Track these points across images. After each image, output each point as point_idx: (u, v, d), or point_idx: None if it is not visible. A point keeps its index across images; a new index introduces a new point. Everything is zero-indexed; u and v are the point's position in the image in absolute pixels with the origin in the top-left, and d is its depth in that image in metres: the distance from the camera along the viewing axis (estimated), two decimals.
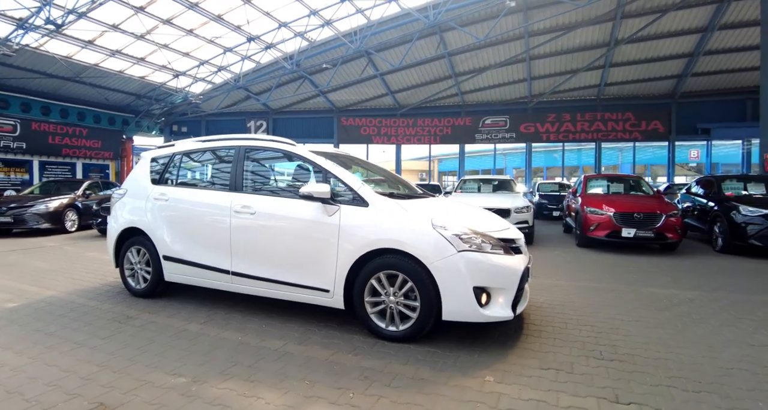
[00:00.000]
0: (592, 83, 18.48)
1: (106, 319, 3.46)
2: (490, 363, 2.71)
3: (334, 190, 3.23)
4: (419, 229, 2.96)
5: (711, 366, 2.72)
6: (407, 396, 2.26)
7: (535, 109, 19.85)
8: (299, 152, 3.58)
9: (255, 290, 3.53)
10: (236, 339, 3.04)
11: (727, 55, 15.86)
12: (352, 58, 16.50)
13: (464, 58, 17.08)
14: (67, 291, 4.33)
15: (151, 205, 4.05)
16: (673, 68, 17.03)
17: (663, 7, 13.54)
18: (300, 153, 3.57)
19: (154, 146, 19.43)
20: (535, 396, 2.30)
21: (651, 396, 2.31)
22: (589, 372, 2.60)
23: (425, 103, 20.23)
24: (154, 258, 3.98)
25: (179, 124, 21.61)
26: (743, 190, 8.66)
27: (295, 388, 2.32)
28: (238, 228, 3.52)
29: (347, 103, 20.79)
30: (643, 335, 3.25)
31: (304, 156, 3.54)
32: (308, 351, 2.86)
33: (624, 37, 15.13)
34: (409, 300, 2.96)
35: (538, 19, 14.03)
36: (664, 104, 18.77)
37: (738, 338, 3.22)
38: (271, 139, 3.82)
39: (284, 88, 19.08)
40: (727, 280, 5.25)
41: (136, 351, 2.80)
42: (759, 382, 2.50)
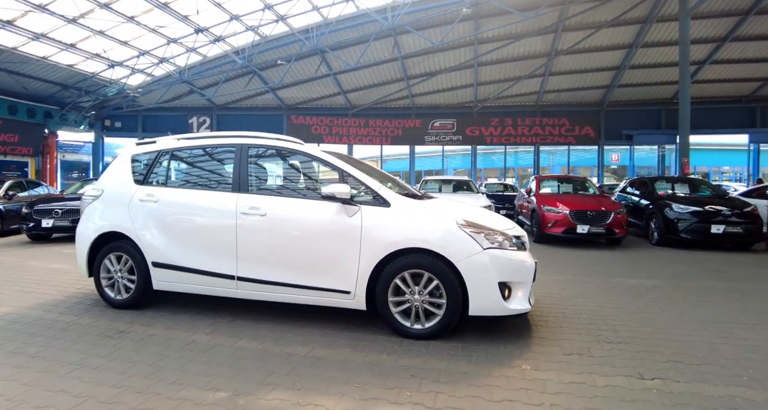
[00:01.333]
0: (533, 90, 19.75)
1: (93, 335, 3.11)
2: (518, 353, 2.86)
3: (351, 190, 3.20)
4: (445, 229, 3.03)
5: (701, 342, 3.08)
6: (461, 389, 2.33)
7: (480, 114, 20.82)
8: (312, 152, 3.49)
9: (265, 295, 3.37)
10: (257, 348, 2.90)
11: (647, 69, 17.73)
12: (306, 56, 16.20)
13: (417, 62, 17.47)
14: (26, 307, 3.82)
15: (135, 207, 3.70)
16: (602, 79, 18.71)
17: (598, 23, 14.84)
18: (313, 152, 3.48)
19: (82, 142, 17.64)
20: (574, 379, 2.47)
21: (665, 371, 2.58)
22: (606, 354, 2.83)
23: (377, 104, 20.39)
24: (140, 265, 3.64)
25: (112, 119, 19.87)
26: (671, 189, 9.77)
27: (348, 392, 2.28)
28: (246, 230, 3.34)
29: (297, 101, 20.38)
30: (634, 319, 3.59)
31: (317, 156, 3.45)
32: (339, 354, 2.80)
33: (563, 49, 16.36)
34: (433, 297, 3.01)
35: (488, 28, 14.75)
36: (594, 111, 20.53)
37: (709, 317, 3.67)
38: (276, 138, 3.68)
39: (232, 83, 18.27)
40: (675, 269, 5.93)
41: (151, 368, 2.56)
42: (741, 353, 2.89)
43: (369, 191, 3.23)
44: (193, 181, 3.83)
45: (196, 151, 3.90)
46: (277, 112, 20.62)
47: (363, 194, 3.24)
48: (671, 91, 19.13)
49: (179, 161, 3.89)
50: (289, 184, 3.71)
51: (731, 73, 17.67)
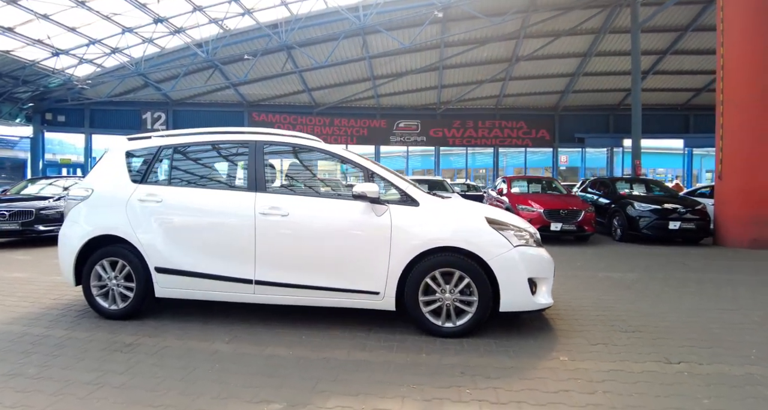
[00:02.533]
0: (493, 94, 20.50)
1: (97, 350, 2.83)
2: (549, 345, 2.96)
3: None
4: (477, 227, 3.08)
5: (700, 328, 3.34)
6: (516, 383, 2.37)
7: (443, 115, 21.31)
8: (334, 150, 3.40)
9: (285, 299, 3.23)
10: (289, 355, 2.77)
11: (598, 77, 18.95)
12: (272, 51, 15.79)
13: (384, 62, 17.56)
14: (1, 322, 3.40)
15: (134, 208, 3.40)
16: (558, 85, 19.76)
17: (556, 32, 15.65)
18: (335, 151, 3.39)
19: (18, 137, 16.06)
20: (611, 367, 2.60)
21: (686, 355, 2.78)
22: (627, 343, 3.00)
23: (342, 103, 20.27)
24: (139, 271, 3.33)
25: (55, 112, 18.28)
26: (629, 189, 10.50)
27: (407, 394, 2.23)
28: (266, 231, 3.18)
29: (260, 98, 19.81)
30: (633, 310, 3.82)
31: (340, 154, 3.37)
32: (377, 356, 2.75)
33: (524, 55, 17.11)
34: (464, 295, 3.05)
35: (455, 32, 15.12)
36: (549, 116, 21.65)
37: (696, 306, 3.98)
38: (291, 135, 3.56)
39: (191, 77, 17.41)
40: (645, 263, 6.38)
41: (183, 383, 2.37)
42: (738, 336, 3.18)
43: (396, 190, 3.21)
44: (202, 180, 3.58)
45: (203, 148, 3.65)
46: (238, 109, 19.92)
47: (390, 193, 3.21)
48: (618, 98, 20.61)
49: (184, 158, 3.62)
50: (310, 182, 3.58)
51: (670, 83, 19.29)
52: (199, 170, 3.63)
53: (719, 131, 8.61)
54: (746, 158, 8.14)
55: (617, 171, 21.93)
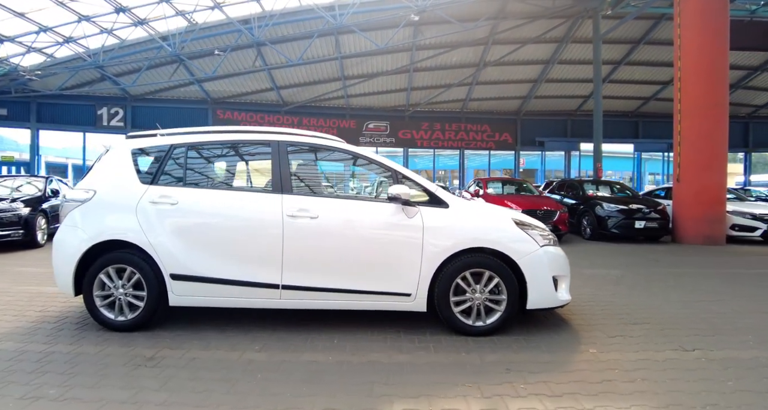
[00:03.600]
0: (460, 97, 20.99)
1: (118, 365, 2.62)
2: (574, 339, 3.12)
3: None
4: (506, 228, 3.19)
5: (695, 317, 3.64)
6: (562, 377, 2.49)
7: (412, 117, 21.57)
8: (361, 151, 3.38)
9: (314, 303, 3.17)
10: (329, 360, 2.72)
11: (559, 83, 19.92)
12: (241, 48, 15.33)
13: (355, 63, 17.53)
14: None
15: (146, 210, 3.19)
16: (521, 90, 20.56)
17: (523, 39, 16.29)
18: (362, 152, 3.38)
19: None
20: (637, 356, 2.78)
21: (696, 343, 3.03)
22: (641, 334, 3.22)
23: (311, 103, 20.01)
24: (151, 278, 3.13)
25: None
26: (596, 190, 11.15)
27: (468, 393, 2.28)
28: (294, 234, 3.10)
29: (225, 95, 19.14)
30: (632, 304, 4.09)
31: (367, 156, 3.36)
32: (419, 358, 2.76)
33: (491, 60, 17.67)
34: (493, 295, 3.14)
35: (427, 36, 15.37)
36: (512, 119, 22.45)
37: (684, 298, 4.33)
38: (313, 135, 3.49)
39: (153, 72, 16.52)
40: (621, 260, 6.82)
41: (231, 396, 2.24)
42: (732, 323, 3.49)
43: (425, 192, 3.24)
44: (221, 181, 3.43)
45: (220, 147, 3.51)
46: (201, 106, 19.14)
47: (418, 195, 3.24)
48: (576, 104, 21.75)
49: (199, 157, 3.45)
50: (337, 184, 3.54)
51: (622, 91, 20.61)
52: (217, 170, 3.48)
53: (677, 138, 9.34)
54: (701, 163, 8.89)
55: (573, 173, 23.16)
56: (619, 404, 2.17)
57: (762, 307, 4.04)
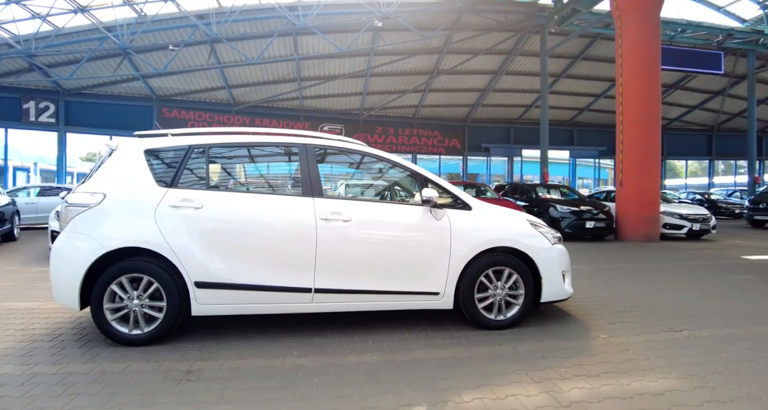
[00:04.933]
0: (413, 104, 21.59)
1: (157, 382, 2.47)
2: (584, 327, 3.44)
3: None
4: (523, 228, 3.45)
5: (669, 304, 4.15)
6: (591, 359, 2.77)
7: (366, 121, 21.79)
8: (387, 156, 3.47)
9: (347, 305, 3.20)
10: (376, 360, 2.77)
11: (505, 93, 21.17)
12: (194, 44, 14.63)
13: (312, 64, 17.41)
14: None
15: (166, 215, 3.02)
16: (470, 98, 21.58)
17: (475, 50, 17.16)
18: (388, 156, 3.47)
19: None
20: (641, 338, 3.15)
21: (680, 325, 3.48)
22: (635, 319, 3.64)
23: (263, 103, 19.52)
24: (171, 287, 2.97)
25: None
26: (547, 194, 12.03)
27: (521, 380, 2.46)
28: (327, 237, 3.11)
29: (172, 92, 18.10)
30: (615, 295, 4.55)
31: (394, 160, 3.46)
32: (459, 352, 2.89)
33: (444, 69, 18.39)
34: (512, 290, 3.39)
35: (388, 42, 15.67)
36: (460, 126, 23.47)
37: (652, 287, 4.88)
38: (338, 139, 3.51)
39: (93, 65, 15.19)
40: (582, 257, 7.45)
41: (303, 403, 2.20)
42: (699, 307, 4.02)
43: (449, 195, 3.43)
44: (246, 183, 3.33)
45: (243, 149, 3.41)
46: (145, 103, 17.92)
47: (444, 198, 3.41)
48: (518, 113, 23.22)
49: (221, 159, 3.35)
50: (366, 187, 3.60)
51: (560, 102, 22.34)
52: (241, 173, 3.39)
53: (619, 146, 10.38)
54: (639, 169, 9.97)
55: (515, 178, 24.65)
56: (649, 378, 2.49)
57: (713, 293, 4.68)
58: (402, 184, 3.65)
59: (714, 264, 6.70)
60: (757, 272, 5.96)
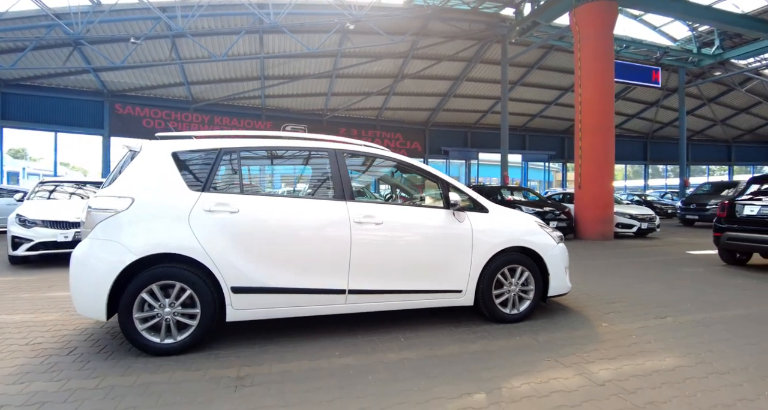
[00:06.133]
0: (376, 106, 21.83)
1: (211, 390, 2.43)
2: (584, 318, 3.82)
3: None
4: (534, 229, 3.78)
5: (647, 294, 4.68)
6: (604, 344, 3.12)
7: (330, 122, 21.73)
8: (410, 161, 3.66)
9: (377, 305, 3.32)
10: (415, 356, 2.92)
11: (464, 99, 21.97)
12: (155, 37, 13.94)
13: (277, 63, 17.14)
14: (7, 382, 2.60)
15: (201, 220, 2.99)
16: (431, 103, 22.18)
17: (439, 56, 17.71)
18: (411, 162, 3.66)
19: None
20: (636, 325, 3.58)
21: (663, 312, 3.97)
22: (625, 310, 4.09)
23: (224, 101, 18.93)
24: (205, 293, 2.94)
25: None
26: (511, 195, 12.71)
27: (553, 365, 2.76)
28: (362, 240, 3.23)
29: (125, 87, 17.07)
30: (596, 289, 5.03)
31: (416, 165, 3.65)
32: (488, 345, 3.11)
33: (409, 73, 18.80)
34: (524, 286, 3.70)
35: (357, 45, 15.78)
36: (421, 129, 24.03)
37: (626, 281, 5.43)
38: (363, 144, 3.64)
39: (38, 54, 13.99)
40: None
41: (369, 399, 2.31)
42: (671, 296, 4.56)
43: (470, 199, 3.68)
44: (279, 187, 3.38)
45: (273, 153, 3.44)
46: (96, 98, 16.74)
47: (464, 202, 3.65)
48: (475, 118, 24.17)
49: (252, 163, 3.36)
50: (394, 191, 3.75)
51: (515, 108, 23.47)
52: (273, 177, 3.44)
53: (578, 151, 11.22)
54: (596, 173, 10.85)
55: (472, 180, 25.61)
56: (657, 358, 2.88)
57: (677, 284, 5.30)
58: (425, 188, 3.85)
59: (666, 259, 7.48)
60: (704, 265, 6.77)
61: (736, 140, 29.86)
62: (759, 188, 6.83)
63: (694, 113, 25.25)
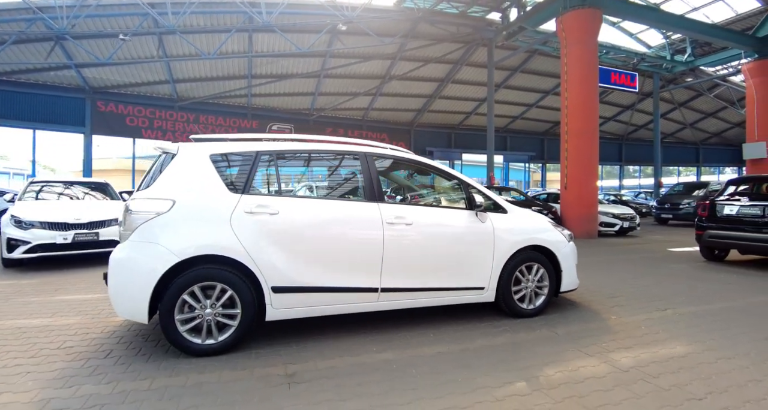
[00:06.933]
0: (363, 106, 21.94)
1: (268, 387, 2.50)
2: (592, 312, 4.10)
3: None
4: (548, 228, 4.03)
5: (642, 288, 5.00)
6: (619, 335, 3.39)
7: (316, 122, 21.71)
8: (435, 164, 3.84)
9: (407, 302, 3.48)
10: (452, 350, 3.08)
11: (449, 100, 22.33)
12: (143, 34, 13.66)
13: (266, 62, 17.04)
14: (56, 397, 2.62)
15: (243, 221, 3.07)
16: (417, 104, 22.45)
17: (427, 58, 17.98)
18: (436, 165, 3.84)
19: None
20: (642, 317, 3.88)
21: (662, 305, 4.30)
22: (625, 303, 4.39)
23: (210, 99, 18.67)
24: (246, 294, 3.02)
25: None
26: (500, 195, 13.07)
27: (578, 356, 3.01)
28: (393, 240, 3.38)
29: (108, 84, 16.62)
30: (598, 284, 5.32)
31: (440, 168, 3.84)
32: (513, 338, 3.31)
33: (396, 74, 19.00)
34: (539, 283, 3.94)
35: (347, 45, 15.87)
36: (407, 130, 24.28)
37: (615, 277, 5.76)
38: (391, 148, 3.78)
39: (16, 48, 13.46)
40: None
41: (421, 391, 2.46)
42: (662, 290, 4.90)
43: (490, 201, 3.90)
44: (313, 190, 3.51)
45: (306, 156, 3.58)
46: (77, 95, 16.24)
47: (486, 203, 3.86)
48: (459, 119, 24.59)
49: (287, 166, 3.46)
50: (421, 193, 3.91)
51: (497, 110, 23.99)
52: (307, 179, 3.56)
53: (564, 153, 11.67)
54: (582, 174, 11.31)
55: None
56: (668, 346, 3.17)
57: (666, 279, 5.66)
58: (447, 190, 4.04)
59: (651, 256, 7.93)
60: (687, 262, 7.22)
61: (703, 143, 31.39)
62: (735, 189, 7.34)
63: (666, 116, 26.40)
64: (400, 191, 4.02)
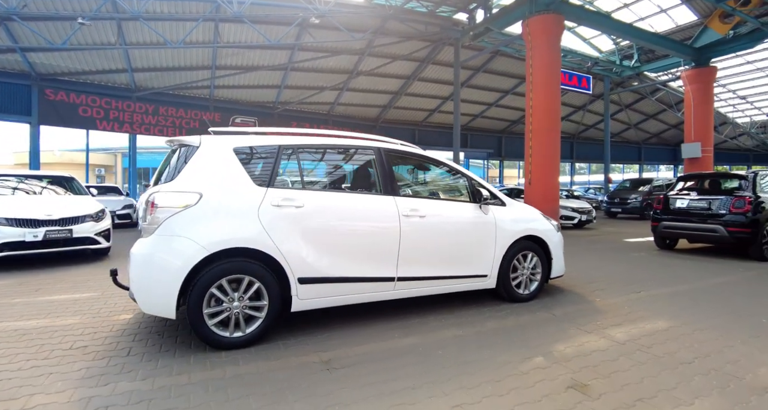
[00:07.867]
0: (329, 101, 21.83)
1: (310, 374, 2.63)
2: (578, 295, 4.52)
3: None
4: (540, 220, 4.39)
5: (622, 274, 5.52)
6: (609, 315, 3.79)
7: (281, 115, 21.37)
8: (441, 159, 4.07)
9: (420, 290, 3.69)
10: (469, 333, 3.29)
11: (414, 97, 22.71)
12: (101, 18, 12.84)
13: (231, 53, 16.54)
14: (107, 393, 2.68)
15: (270, 214, 3.13)
16: (383, 100, 22.63)
17: (394, 55, 18.19)
18: (442, 159, 4.07)
19: None
20: (623, 299, 4.33)
21: (636, 288, 4.79)
22: (605, 287, 4.86)
23: (170, 90, 17.86)
24: (272, 286, 3.08)
25: None
26: None
27: (578, 333, 3.36)
28: (408, 231, 3.56)
29: (58, 71, 15.46)
30: (576, 270, 5.81)
31: (446, 163, 4.08)
32: (520, 321, 3.59)
33: (363, 70, 19.07)
34: (533, 270, 4.29)
35: (318, 40, 15.74)
36: (372, 126, 24.40)
37: (591, 265, 6.31)
38: (401, 143, 3.97)
39: None
40: None
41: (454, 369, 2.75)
42: (642, 274, 5.46)
43: (491, 194, 4.19)
44: (333, 183, 3.63)
45: (325, 150, 3.68)
46: (22, 81, 14.97)
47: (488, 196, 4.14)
48: (423, 116, 25.07)
49: (308, 160, 3.55)
50: (430, 187, 4.11)
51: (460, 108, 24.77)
52: (327, 173, 3.67)
53: (528, 150, 12.32)
54: (545, 170, 12.01)
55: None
56: (651, 322, 3.60)
57: (633, 266, 6.26)
58: (453, 184, 4.29)
59: (611, 247, 8.63)
60: (645, 250, 7.96)
61: (645, 142, 33.95)
62: (684, 185, 8.17)
63: (613, 117, 28.30)
64: (410, 185, 4.23)
